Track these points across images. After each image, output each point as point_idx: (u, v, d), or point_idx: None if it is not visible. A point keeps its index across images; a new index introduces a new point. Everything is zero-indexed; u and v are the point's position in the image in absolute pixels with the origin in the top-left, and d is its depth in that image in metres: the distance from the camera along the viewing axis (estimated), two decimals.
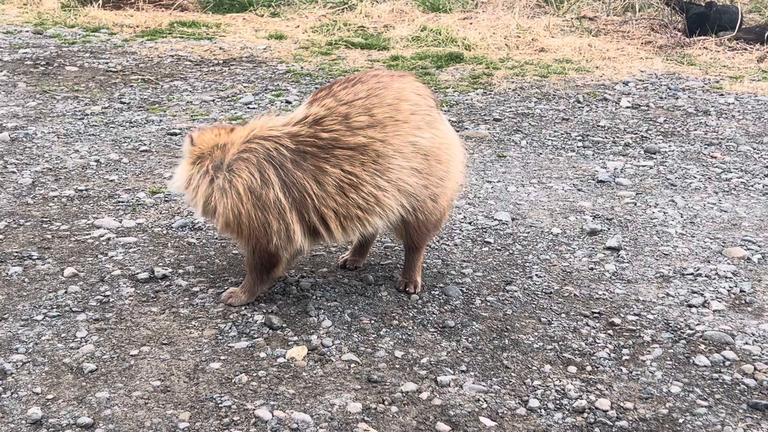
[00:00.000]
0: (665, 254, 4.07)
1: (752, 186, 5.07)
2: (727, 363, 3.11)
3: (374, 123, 3.28)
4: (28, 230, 4.12)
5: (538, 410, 2.81)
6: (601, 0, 10.86)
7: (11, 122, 5.95)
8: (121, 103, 6.61)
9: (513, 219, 4.45)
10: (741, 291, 3.68)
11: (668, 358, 3.14)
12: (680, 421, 2.77)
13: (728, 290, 3.69)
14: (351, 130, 3.26)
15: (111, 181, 4.86)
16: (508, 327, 3.34)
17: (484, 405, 2.83)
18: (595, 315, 3.45)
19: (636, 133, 6.12)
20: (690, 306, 3.54)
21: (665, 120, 6.47)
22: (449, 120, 6.29)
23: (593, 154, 5.63)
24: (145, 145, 5.55)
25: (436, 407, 2.81)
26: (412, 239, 3.53)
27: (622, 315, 3.46)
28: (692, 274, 3.84)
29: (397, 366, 3.04)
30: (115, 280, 3.62)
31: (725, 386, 2.97)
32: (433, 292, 3.61)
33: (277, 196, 3.24)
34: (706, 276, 3.82)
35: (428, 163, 3.36)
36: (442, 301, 3.53)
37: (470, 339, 3.24)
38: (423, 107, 3.41)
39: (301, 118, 3.32)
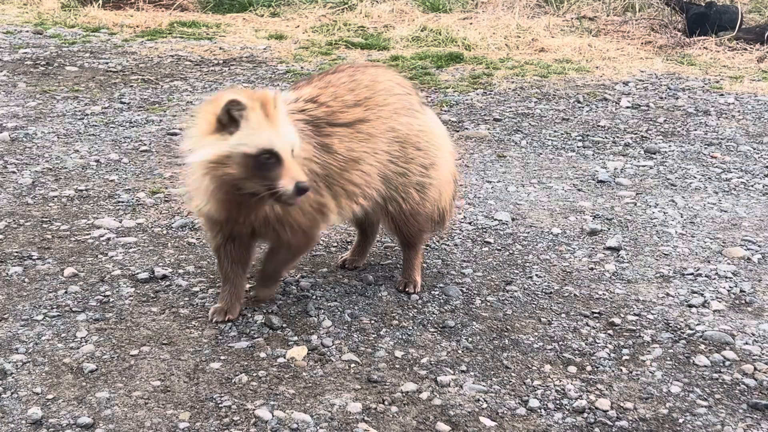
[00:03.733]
0: (665, 254, 4.07)
1: (752, 186, 5.06)
2: (727, 363, 3.11)
3: (359, 102, 3.29)
4: (28, 230, 4.12)
5: (538, 410, 2.81)
6: (601, 0, 10.86)
7: (11, 122, 5.95)
8: (121, 103, 6.61)
9: (513, 219, 4.45)
10: (741, 291, 3.68)
11: (668, 358, 3.14)
12: (680, 421, 2.77)
13: (728, 290, 3.69)
14: (345, 106, 3.25)
15: (111, 181, 4.86)
16: (508, 327, 3.34)
17: (484, 405, 2.83)
18: (595, 315, 3.45)
19: (636, 133, 6.12)
20: (690, 306, 3.54)
21: (665, 120, 6.47)
22: (449, 120, 6.29)
23: (593, 154, 5.63)
24: (145, 145, 5.55)
25: (436, 407, 2.81)
26: (404, 234, 3.51)
27: (622, 315, 3.46)
28: (692, 274, 3.84)
29: (397, 366, 3.04)
30: (115, 280, 3.62)
31: (725, 386, 2.97)
32: (433, 292, 3.61)
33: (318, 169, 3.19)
34: (706, 276, 3.82)
35: (404, 150, 3.36)
36: (442, 301, 3.53)
37: (470, 339, 3.24)
38: (399, 93, 3.42)
39: (294, 99, 3.24)
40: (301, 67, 7.96)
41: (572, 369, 3.05)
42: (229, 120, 2.88)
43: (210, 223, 3.20)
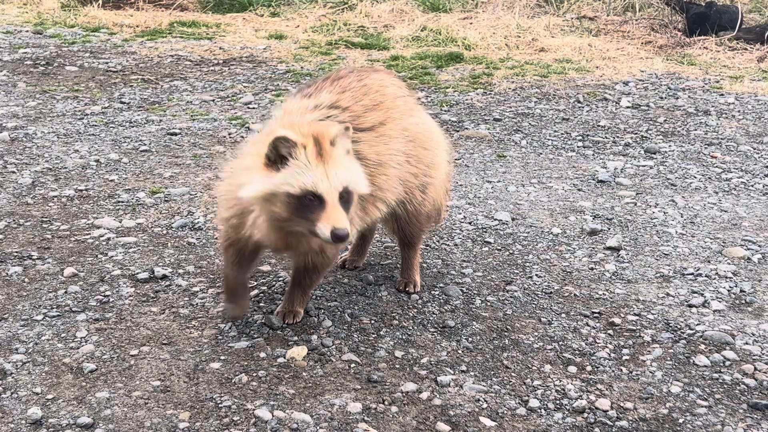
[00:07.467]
0: (665, 254, 4.07)
1: (752, 186, 5.06)
2: (727, 363, 3.11)
3: (375, 107, 3.25)
4: (28, 230, 4.12)
5: (538, 410, 2.81)
6: (601, 0, 10.86)
7: (11, 122, 5.95)
8: (121, 103, 6.61)
9: (513, 219, 4.45)
10: (741, 291, 3.68)
11: (668, 358, 3.14)
12: (680, 421, 2.77)
13: (728, 290, 3.69)
14: (366, 110, 3.22)
15: (111, 181, 4.85)
16: (508, 327, 3.34)
17: (484, 405, 2.83)
18: (595, 315, 3.45)
19: (636, 133, 6.12)
20: (690, 306, 3.54)
21: (665, 120, 6.47)
22: (449, 120, 6.29)
23: (593, 154, 5.63)
24: (145, 145, 5.54)
25: (436, 407, 2.81)
26: (405, 234, 3.51)
27: (622, 315, 3.46)
28: (692, 274, 3.84)
29: (397, 366, 3.04)
30: (115, 280, 3.62)
31: (725, 386, 2.97)
32: (433, 292, 3.61)
33: None
34: (706, 276, 3.82)
35: (416, 150, 3.35)
36: (442, 301, 3.53)
37: (470, 339, 3.23)
38: (402, 95, 3.42)
39: (313, 106, 3.16)
40: (301, 67, 7.96)
41: (572, 369, 3.05)
42: (277, 156, 2.80)
43: (233, 235, 3.11)
